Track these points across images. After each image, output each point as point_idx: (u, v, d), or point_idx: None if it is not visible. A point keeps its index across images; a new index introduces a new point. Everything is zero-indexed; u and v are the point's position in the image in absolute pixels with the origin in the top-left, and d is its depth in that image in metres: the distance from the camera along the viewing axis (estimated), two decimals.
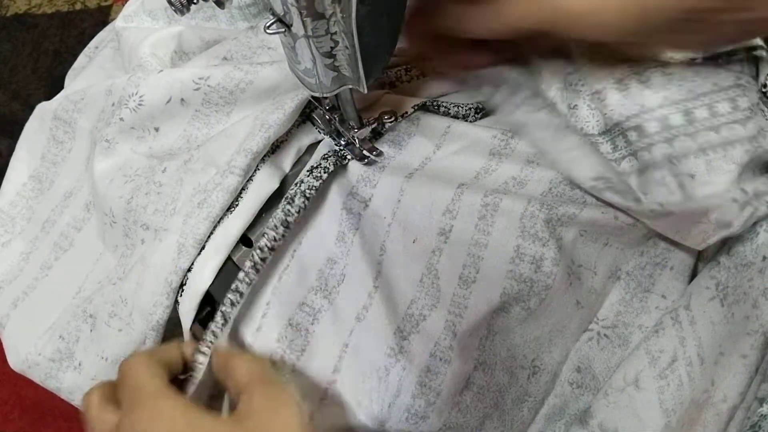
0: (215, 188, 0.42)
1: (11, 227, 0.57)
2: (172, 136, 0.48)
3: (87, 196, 0.55)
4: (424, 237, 0.40)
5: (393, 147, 0.45)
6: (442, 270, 0.39)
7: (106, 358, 0.45)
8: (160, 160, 0.47)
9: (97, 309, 0.47)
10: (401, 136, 0.45)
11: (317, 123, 0.45)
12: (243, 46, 0.51)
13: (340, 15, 0.31)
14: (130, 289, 0.44)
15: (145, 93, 0.48)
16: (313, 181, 0.41)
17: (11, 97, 0.72)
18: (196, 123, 0.48)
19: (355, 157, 0.44)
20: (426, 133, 0.45)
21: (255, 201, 0.43)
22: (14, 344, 0.51)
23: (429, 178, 0.42)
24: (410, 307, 0.39)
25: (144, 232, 0.46)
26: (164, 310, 0.42)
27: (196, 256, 0.42)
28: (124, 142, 0.49)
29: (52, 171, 0.57)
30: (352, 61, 0.34)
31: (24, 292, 0.53)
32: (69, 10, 0.71)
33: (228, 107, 0.48)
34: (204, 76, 0.47)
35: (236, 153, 0.43)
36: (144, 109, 0.48)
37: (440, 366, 0.37)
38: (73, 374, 0.47)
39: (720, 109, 0.38)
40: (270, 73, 0.45)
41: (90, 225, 0.54)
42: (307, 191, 0.41)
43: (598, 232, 0.40)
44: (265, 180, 0.43)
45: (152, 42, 0.51)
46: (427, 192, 0.41)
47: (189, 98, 0.48)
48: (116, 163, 0.49)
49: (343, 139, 0.44)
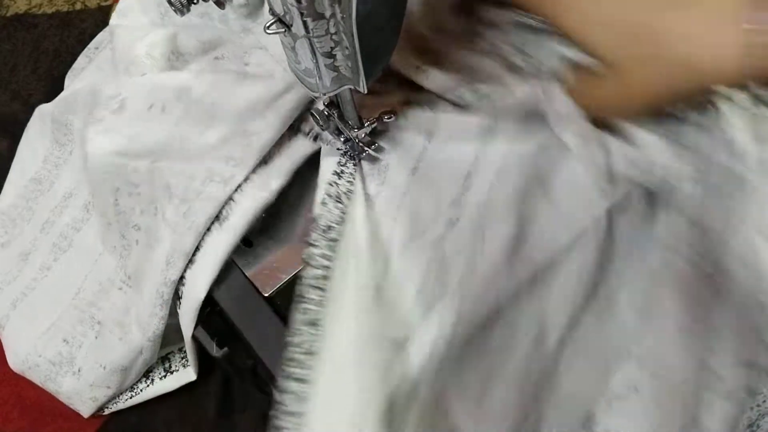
0: (197, 197, 0.42)
1: (11, 228, 0.57)
2: (148, 140, 0.48)
3: (86, 197, 0.55)
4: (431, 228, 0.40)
5: (390, 143, 0.45)
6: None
7: (104, 367, 0.45)
8: (131, 158, 0.46)
9: (106, 316, 0.47)
10: (392, 131, 0.45)
11: (316, 119, 0.45)
12: (236, 46, 0.51)
13: (340, 15, 0.31)
14: (133, 300, 0.44)
15: (127, 96, 0.48)
16: (347, 185, 0.41)
17: (11, 97, 0.72)
18: (174, 131, 0.48)
19: (355, 153, 0.44)
20: (417, 126, 0.45)
21: (246, 214, 0.42)
22: (13, 345, 0.51)
23: (433, 170, 0.42)
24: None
25: (137, 233, 0.46)
26: (159, 321, 0.42)
27: (187, 267, 0.42)
28: (101, 142, 0.48)
29: (53, 173, 0.58)
30: (353, 62, 0.34)
31: (23, 293, 0.53)
32: (69, 10, 0.71)
33: (209, 121, 0.48)
34: (186, 87, 0.47)
35: (215, 160, 0.43)
36: (124, 113, 0.47)
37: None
38: (72, 380, 0.47)
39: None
40: (248, 94, 0.45)
41: (89, 225, 0.54)
42: (342, 195, 0.40)
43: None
44: (255, 191, 0.42)
45: (148, 43, 0.50)
46: (435, 187, 0.41)
47: (170, 108, 0.48)
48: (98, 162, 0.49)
49: (342, 136, 0.44)
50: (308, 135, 0.45)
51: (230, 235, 0.41)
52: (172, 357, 0.49)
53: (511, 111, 0.41)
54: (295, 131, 0.45)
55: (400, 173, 0.41)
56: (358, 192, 0.41)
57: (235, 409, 0.49)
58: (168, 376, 0.49)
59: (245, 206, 0.41)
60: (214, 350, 0.43)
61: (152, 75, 0.48)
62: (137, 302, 0.43)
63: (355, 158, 0.44)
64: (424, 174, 0.41)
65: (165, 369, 0.49)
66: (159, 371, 0.49)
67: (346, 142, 0.44)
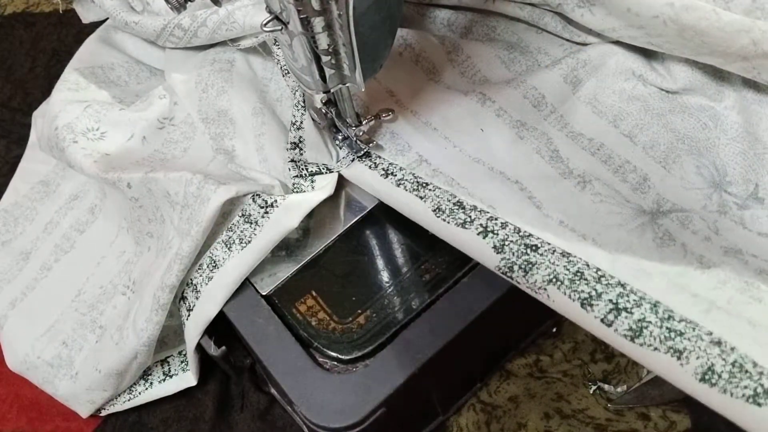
0: (196, 200, 0.42)
1: (13, 227, 0.57)
2: (126, 163, 0.48)
3: (93, 200, 0.55)
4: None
5: (390, 140, 0.45)
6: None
7: (100, 371, 0.45)
8: (123, 172, 0.47)
9: (108, 321, 0.47)
10: (388, 127, 0.45)
11: (314, 117, 0.45)
12: (222, 63, 0.52)
13: (337, 12, 0.31)
14: (135, 305, 0.44)
15: (107, 130, 0.50)
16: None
17: (9, 96, 0.72)
18: (153, 156, 0.49)
19: (353, 150, 0.44)
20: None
21: (270, 239, 0.42)
22: (12, 345, 0.51)
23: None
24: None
25: (150, 240, 0.47)
26: (155, 327, 0.42)
27: (203, 281, 0.42)
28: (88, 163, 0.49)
29: (60, 175, 0.58)
30: (349, 59, 0.34)
31: (23, 293, 0.53)
32: (67, 8, 0.71)
33: (186, 142, 0.49)
34: (169, 116, 0.49)
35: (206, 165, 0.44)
36: (102, 143, 0.49)
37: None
38: (68, 383, 0.47)
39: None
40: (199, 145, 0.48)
41: (93, 228, 0.54)
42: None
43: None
44: (281, 216, 0.42)
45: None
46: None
47: (150, 136, 0.50)
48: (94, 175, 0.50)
49: (340, 134, 0.44)
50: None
51: (253, 258, 0.41)
52: (171, 360, 0.49)
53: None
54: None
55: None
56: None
57: (233, 407, 0.49)
58: (167, 380, 0.48)
59: (270, 231, 0.41)
60: (212, 349, 0.43)
61: (129, 110, 0.51)
62: (137, 307, 0.44)
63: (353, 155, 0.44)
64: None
65: (164, 372, 0.49)
66: (158, 375, 0.49)
67: (345, 139, 0.44)
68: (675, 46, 0.40)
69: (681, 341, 0.29)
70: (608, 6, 0.40)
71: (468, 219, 0.37)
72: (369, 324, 0.40)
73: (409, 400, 0.40)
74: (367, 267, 0.43)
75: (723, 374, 0.28)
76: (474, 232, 0.36)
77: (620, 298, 0.31)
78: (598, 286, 0.32)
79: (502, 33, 0.50)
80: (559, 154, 0.42)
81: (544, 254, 0.34)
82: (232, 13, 0.48)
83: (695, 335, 0.29)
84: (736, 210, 0.38)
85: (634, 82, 0.44)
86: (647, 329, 0.30)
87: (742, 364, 0.28)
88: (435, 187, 0.39)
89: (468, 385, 0.47)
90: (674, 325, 0.30)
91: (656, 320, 0.30)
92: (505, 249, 0.35)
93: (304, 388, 0.39)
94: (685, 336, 0.29)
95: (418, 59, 0.49)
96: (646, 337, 0.30)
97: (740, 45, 0.36)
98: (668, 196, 0.39)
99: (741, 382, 0.27)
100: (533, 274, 0.34)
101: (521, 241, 0.35)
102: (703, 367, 0.28)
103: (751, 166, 0.39)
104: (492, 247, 0.35)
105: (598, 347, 0.48)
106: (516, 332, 0.47)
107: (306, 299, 0.42)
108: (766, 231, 0.37)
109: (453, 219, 0.37)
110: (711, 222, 0.37)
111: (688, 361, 0.29)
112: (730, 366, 0.28)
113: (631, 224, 0.37)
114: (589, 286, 0.32)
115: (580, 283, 0.32)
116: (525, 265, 0.34)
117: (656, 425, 0.44)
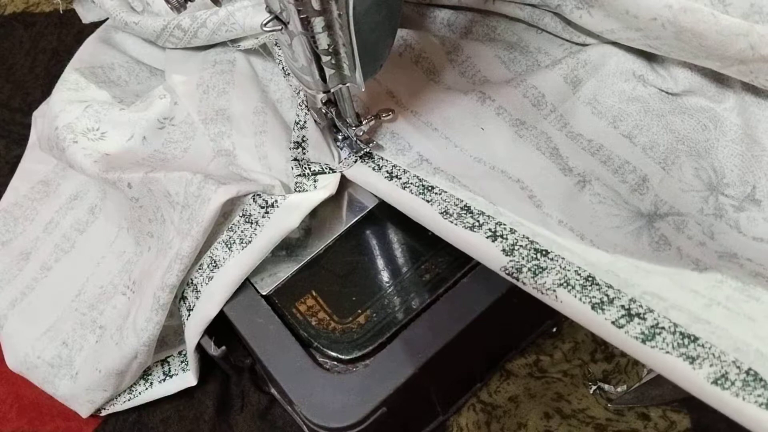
0: (196, 200, 0.42)
1: (13, 227, 0.57)
2: (127, 163, 0.48)
3: (93, 200, 0.55)
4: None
5: (391, 140, 0.45)
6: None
7: (100, 371, 0.45)
8: (123, 172, 0.47)
9: (108, 321, 0.47)
10: (389, 127, 0.45)
11: (315, 117, 0.45)
12: (222, 66, 0.52)
13: (337, 12, 0.31)
14: (135, 305, 0.44)
15: (107, 130, 0.49)
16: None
17: (9, 96, 0.71)
18: (153, 156, 0.49)
19: (353, 151, 0.44)
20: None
21: (271, 239, 0.42)
22: (12, 345, 0.51)
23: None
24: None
25: (150, 240, 0.47)
26: (155, 327, 0.42)
27: (203, 281, 0.42)
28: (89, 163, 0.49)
29: (60, 175, 0.58)
30: (349, 59, 0.34)
31: (22, 293, 0.53)
32: (67, 8, 0.71)
33: (186, 142, 0.49)
34: (169, 116, 0.49)
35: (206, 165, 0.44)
36: (102, 143, 0.49)
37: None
38: (68, 383, 0.47)
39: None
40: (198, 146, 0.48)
41: (93, 228, 0.54)
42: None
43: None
44: (282, 216, 0.42)
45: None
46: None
47: (150, 136, 0.50)
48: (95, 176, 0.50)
49: (340, 133, 0.44)
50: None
51: (254, 258, 0.41)
52: (171, 360, 0.49)
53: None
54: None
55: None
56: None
57: (233, 407, 0.49)
58: (167, 380, 0.48)
59: (270, 231, 0.41)
60: (212, 349, 0.43)
61: (129, 110, 0.51)
62: (137, 307, 0.43)
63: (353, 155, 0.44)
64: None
65: (164, 372, 0.49)
66: (158, 374, 0.49)
67: (345, 139, 0.44)
68: (673, 48, 0.40)
69: (695, 348, 0.29)
70: (607, 8, 0.40)
71: (476, 223, 0.37)
72: (369, 324, 0.40)
73: (409, 400, 0.40)
74: (368, 267, 0.43)
75: (736, 382, 0.28)
76: (483, 236, 0.36)
77: (632, 303, 0.31)
78: (610, 292, 0.32)
79: (502, 33, 0.50)
80: (559, 152, 0.42)
81: (554, 259, 0.34)
82: (232, 14, 0.48)
83: (708, 343, 0.29)
84: (732, 213, 0.38)
85: (634, 82, 0.44)
86: (660, 335, 0.30)
87: (757, 372, 0.28)
88: (441, 191, 0.40)
89: (468, 385, 0.47)
90: (688, 332, 0.30)
91: (670, 325, 0.30)
92: (515, 253, 0.35)
93: (304, 388, 0.39)
94: (699, 342, 0.29)
95: (418, 59, 0.49)
96: (658, 342, 0.30)
97: (738, 48, 0.36)
98: (666, 198, 0.39)
99: (755, 391, 0.27)
100: (543, 277, 0.34)
101: (531, 246, 0.35)
102: (716, 374, 0.28)
103: (748, 168, 0.39)
104: (501, 250, 0.36)
105: (598, 347, 0.48)
106: (516, 332, 0.47)
107: (306, 299, 0.42)
108: (760, 235, 0.37)
109: (461, 222, 0.37)
110: (707, 226, 0.37)
111: (701, 367, 0.29)
112: (744, 374, 0.28)
113: (629, 227, 0.37)
114: (600, 292, 0.32)
115: (592, 288, 0.33)
116: (535, 268, 0.34)
117: (656, 425, 0.44)
